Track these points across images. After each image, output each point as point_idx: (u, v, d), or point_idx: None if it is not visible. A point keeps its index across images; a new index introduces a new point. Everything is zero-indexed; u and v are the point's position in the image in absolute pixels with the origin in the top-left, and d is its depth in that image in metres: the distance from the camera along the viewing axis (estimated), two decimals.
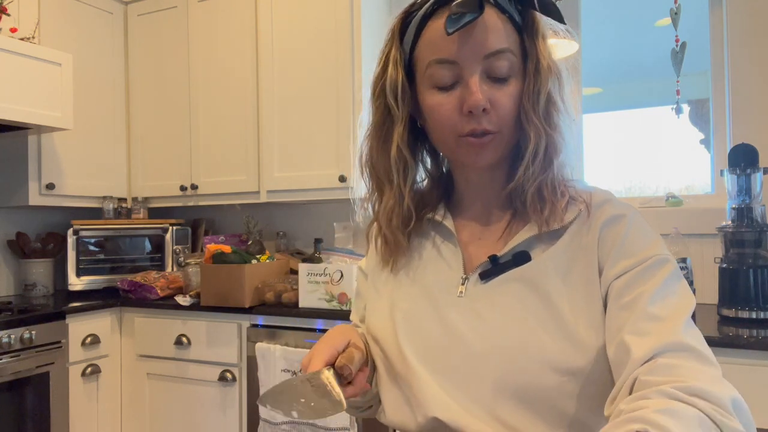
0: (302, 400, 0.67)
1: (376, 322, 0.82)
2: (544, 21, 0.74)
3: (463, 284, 0.76)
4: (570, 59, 0.81)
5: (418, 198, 0.82)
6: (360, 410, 0.88)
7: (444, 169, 0.86)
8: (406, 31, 0.76)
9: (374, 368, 0.82)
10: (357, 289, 0.96)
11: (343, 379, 0.71)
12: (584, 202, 0.73)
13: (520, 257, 0.73)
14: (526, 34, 0.73)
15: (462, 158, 0.75)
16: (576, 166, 0.78)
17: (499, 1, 0.72)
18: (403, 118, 0.76)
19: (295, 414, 0.67)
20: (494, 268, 0.74)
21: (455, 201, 0.84)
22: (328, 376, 0.69)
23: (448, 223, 0.80)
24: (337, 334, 0.76)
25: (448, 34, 0.68)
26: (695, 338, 0.64)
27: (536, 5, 0.72)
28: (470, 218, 0.81)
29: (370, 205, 0.85)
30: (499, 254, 0.74)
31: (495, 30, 0.70)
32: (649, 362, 0.61)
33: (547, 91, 0.72)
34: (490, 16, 0.70)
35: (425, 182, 0.86)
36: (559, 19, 0.73)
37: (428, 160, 0.86)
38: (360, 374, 0.74)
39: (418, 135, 0.81)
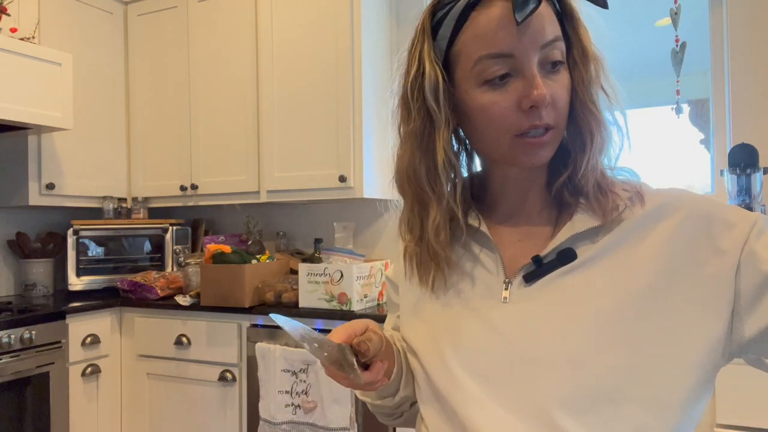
0: (317, 346, 0.64)
1: (413, 336, 0.78)
2: (578, 6, 0.70)
3: (506, 289, 0.71)
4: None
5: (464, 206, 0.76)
6: (390, 417, 0.85)
7: (472, 171, 0.82)
8: (440, 27, 0.70)
9: (403, 371, 0.79)
10: (388, 300, 0.91)
11: (361, 356, 0.67)
12: (637, 192, 0.69)
13: (565, 255, 0.68)
14: (567, 22, 0.69)
15: (517, 159, 0.69)
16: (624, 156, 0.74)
17: None
18: (446, 120, 0.70)
19: (315, 350, 0.64)
20: (538, 269, 0.69)
21: (488, 203, 0.79)
22: (345, 348, 0.65)
23: (483, 227, 0.74)
24: (356, 321, 0.72)
25: (518, 23, 0.62)
26: None
27: None
28: (506, 219, 0.76)
29: (405, 225, 0.78)
30: (542, 254, 0.69)
31: (548, 17, 0.66)
32: None
33: (599, 78, 0.69)
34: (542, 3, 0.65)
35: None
36: (602, 4, 0.68)
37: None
38: (378, 363, 0.69)
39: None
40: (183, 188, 2.76)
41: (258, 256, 2.45)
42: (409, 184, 0.74)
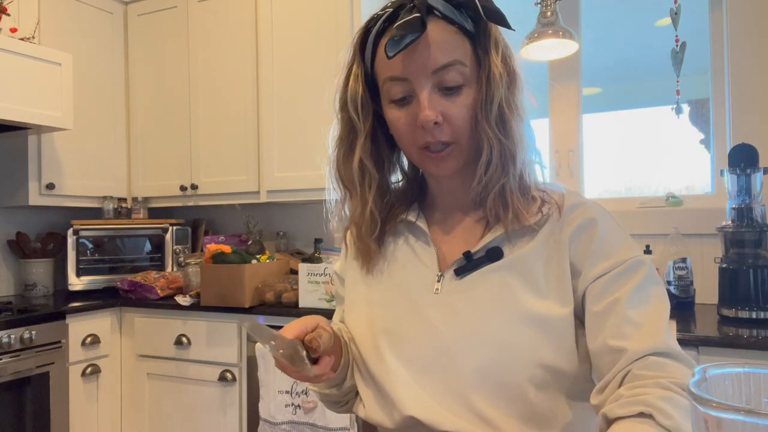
0: (273, 343, 0.69)
1: (352, 322, 0.84)
2: (498, 28, 0.75)
3: (438, 281, 0.77)
4: (569, 58, 0.83)
5: (391, 201, 0.85)
6: (337, 405, 0.89)
7: (420, 171, 0.88)
8: (366, 47, 0.78)
9: (349, 363, 0.84)
10: (336, 293, 0.98)
11: (312, 352, 0.72)
12: (556, 204, 0.75)
13: (494, 253, 0.75)
14: (479, 43, 0.74)
15: (424, 168, 0.79)
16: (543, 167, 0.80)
17: (446, 13, 0.72)
18: (365, 130, 0.79)
19: (271, 346, 0.69)
20: (468, 264, 0.76)
21: (429, 201, 0.86)
22: (297, 344, 0.70)
23: (422, 223, 0.82)
24: (307, 317, 0.77)
25: (389, 57, 0.70)
26: (676, 343, 0.67)
27: (481, 14, 0.72)
28: (443, 218, 0.83)
29: (345, 210, 0.87)
30: (473, 250, 0.76)
31: (441, 44, 0.71)
32: (641, 359, 0.64)
33: (499, 100, 0.72)
34: (436, 29, 0.71)
35: (401, 183, 0.88)
36: (506, 25, 0.73)
37: (405, 161, 0.87)
38: (326, 358, 0.75)
39: (392, 141, 0.82)
40: (183, 188, 2.76)
41: (258, 256, 2.45)
42: (337, 181, 0.85)
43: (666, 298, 0.71)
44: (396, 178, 0.87)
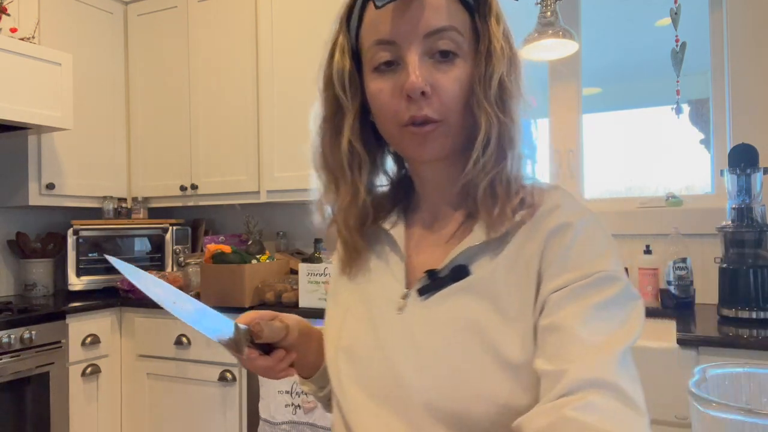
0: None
1: (326, 331, 0.78)
2: (499, 3, 0.68)
3: (404, 298, 0.69)
4: (569, 58, 0.77)
5: (378, 199, 0.77)
6: (327, 407, 0.85)
7: (405, 170, 0.80)
8: (351, 18, 0.71)
9: (320, 363, 0.81)
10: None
11: (255, 337, 0.70)
12: (533, 205, 0.66)
13: (458, 272, 0.66)
14: (478, 13, 0.67)
15: (406, 151, 0.69)
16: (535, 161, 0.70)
17: None
18: (353, 109, 0.71)
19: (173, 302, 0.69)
20: (432, 283, 0.68)
21: (414, 202, 0.78)
22: (237, 326, 0.71)
23: (395, 231, 0.74)
24: (267, 311, 0.75)
25: (377, 7, 0.64)
26: (629, 378, 0.54)
27: None
28: (423, 222, 0.75)
29: (329, 205, 0.79)
30: (438, 268, 0.68)
31: (436, 7, 0.64)
32: (580, 393, 0.53)
33: (500, 75, 0.65)
34: None
35: (384, 186, 0.80)
36: None
37: (389, 160, 0.79)
38: (281, 351, 0.72)
39: (378, 131, 0.74)
40: (183, 188, 2.76)
41: (258, 256, 2.45)
42: (321, 168, 0.78)
43: (636, 327, 0.58)
44: (381, 180, 0.78)
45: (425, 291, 0.68)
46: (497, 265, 0.65)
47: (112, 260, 0.71)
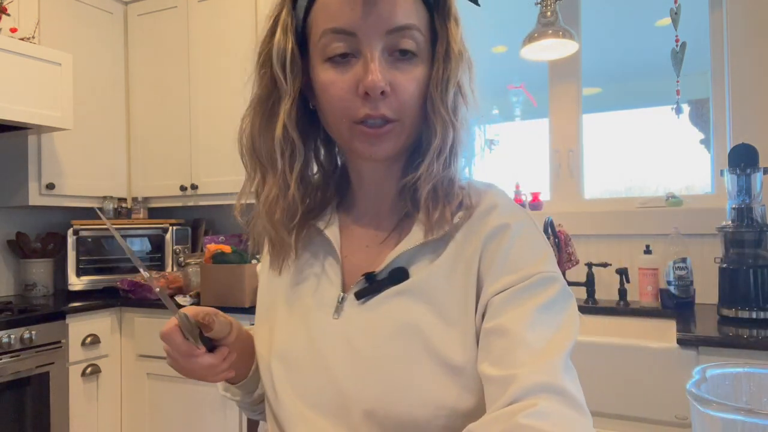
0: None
1: (256, 336, 0.75)
2: (457, 3, 0.65)
3: (340, 302, 0.67)
4: (568, 58, 0.75)
5: (309, 191, 0.72)
6: (253, 413, 0.84)
7: (339, 162, 0.76)
8: None
9: (253, 367, 0.78)
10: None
11: (205, 329, 0.68)
12: (471, 206, 0.65)
13: (397, 274, 0.65)
14: (437, 14, 0.64)
15: (356, 148, 0.65)
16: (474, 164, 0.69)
17: None
18: (291, 93, 0.66)
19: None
20: (370, 286, 0.66)
21: (349, 199, 0.74)
22: (187, 315, 0.67)
23: (330, 231, 0.71)
24: (211, 308, 0.72)
25: None
26: (572, 381, 0.55)
27: None
28: (359, 221, 0.72)
29: (253, 195, 0.75)
30: (376, 270, 0.66)
31: (404, 3, 0.61)
32: (530, 398, 0.52)
33: (458, 80, 0.63)
34: None
35: (317, 176, 0.75)
36: (474, 0, 0.65)
37: (322, 151, 0.75)
38: (224, 348, 0.70)
39: (313, 119, 0.71)
40: (183, 188, 2.76)
41: (258, 256, 2.44)
42: (248, 153, 0.73)
43: (575, 327, 0.59)
44: (311, 170, 0.74)
45: (363, 294, 0.66)
46: (436, 267, 0.64)
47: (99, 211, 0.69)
